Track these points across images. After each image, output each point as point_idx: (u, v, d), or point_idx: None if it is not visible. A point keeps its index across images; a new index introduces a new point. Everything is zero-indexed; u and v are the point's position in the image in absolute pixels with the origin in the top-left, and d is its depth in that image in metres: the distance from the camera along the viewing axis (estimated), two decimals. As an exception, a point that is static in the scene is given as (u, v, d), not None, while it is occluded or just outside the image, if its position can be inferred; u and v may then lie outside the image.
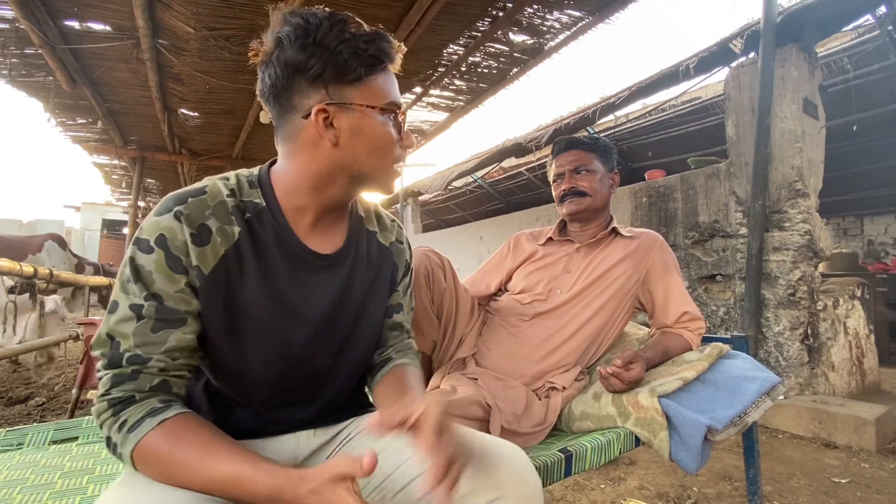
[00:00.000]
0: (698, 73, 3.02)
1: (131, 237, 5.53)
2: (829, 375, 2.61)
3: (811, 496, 1.70)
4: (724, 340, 1.28)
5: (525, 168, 6.59)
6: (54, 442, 1.12)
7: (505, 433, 1.00)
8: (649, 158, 5.48)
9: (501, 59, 3.81)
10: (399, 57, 0.70)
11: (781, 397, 2.40)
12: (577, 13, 3.25)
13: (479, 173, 6.64)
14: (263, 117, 4.22)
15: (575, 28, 3.40)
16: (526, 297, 1.28)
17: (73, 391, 2.31)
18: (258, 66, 0.68)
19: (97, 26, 3.24)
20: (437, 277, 1.17)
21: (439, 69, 3.91)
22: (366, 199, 0.84)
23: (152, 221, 0.62)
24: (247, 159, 6.02)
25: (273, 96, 0.67)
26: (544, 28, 3.41)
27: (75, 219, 18.42)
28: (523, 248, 1.42)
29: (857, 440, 2.15)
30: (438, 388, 1.14)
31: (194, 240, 0.62)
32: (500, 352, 1.21)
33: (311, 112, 0.65)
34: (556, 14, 3.25)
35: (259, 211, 0.68)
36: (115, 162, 6.45)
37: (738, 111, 2.82)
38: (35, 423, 1.19)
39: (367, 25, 0.67)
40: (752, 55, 2.76)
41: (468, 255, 5.70)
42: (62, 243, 4.81)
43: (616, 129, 5.52)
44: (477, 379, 1.13)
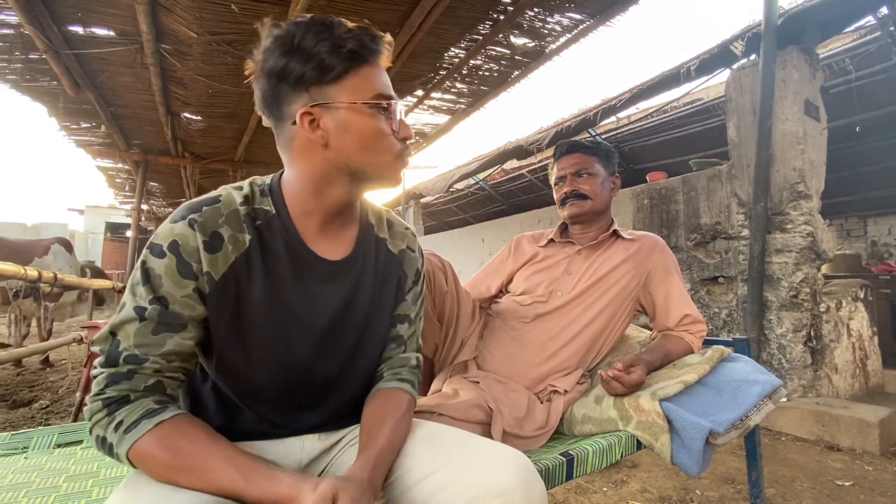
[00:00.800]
0: (699, 74, 3.02)
1: (135, 240, 5.56)
2: (833, 378, 2.60)
3: (814, 499, 1.69)
4: (726, 343, 1.29)
5: (527, 170, 6.59)
6: (59, 445, 1.13)
7: (507, 437, 1.01)
8: (651, 160, 5.48)
9: (502, 61, 3.82)
10: (386, 49, 0.69)
11: (784, 400, 2.40)
12: (577, 16, 3.25)
13: (481, 175, 6.65)
14: (266, 121, 4.24)
15: (576, 31, 3.41)
16: (526, 299, 1.29)
17: (77, 394, 2.32)
18: (252, 82, 0.69)
19: (101, 31, 3.26)
20: (438, 281, 1.17)
21: (440, 72, 3.92)
22: (377, 205, 0.84)
23: (167, 228, 0.63)
24: (249, 162, 6.04)
25: (266, 108, 0.69)
26: (545, 31, 3.42)
27: (79, 222, 18.53)
28: (524, 250, 1.42)
29: (861, 443, 2.14)
30: (440, 391, 1.14)
31: (206, 247, 0.63)
32: (502, 355, 1.21)
33: (297, 116, 0.65)
34: (557, 17, 3.26)
35: (269, 218, 0.69)
36: (119, 165, 6.48)
37: (739, 113, 2.83)
38: (40, 427, 1.19)
39: (351, 24, 0.66)
40: (753, 57, 2.76)
41: (470, 257, 5.71)
42: (68, 247, 4.84)
43: (618, 131, 5.52)
44: (479, 382, 1.14)
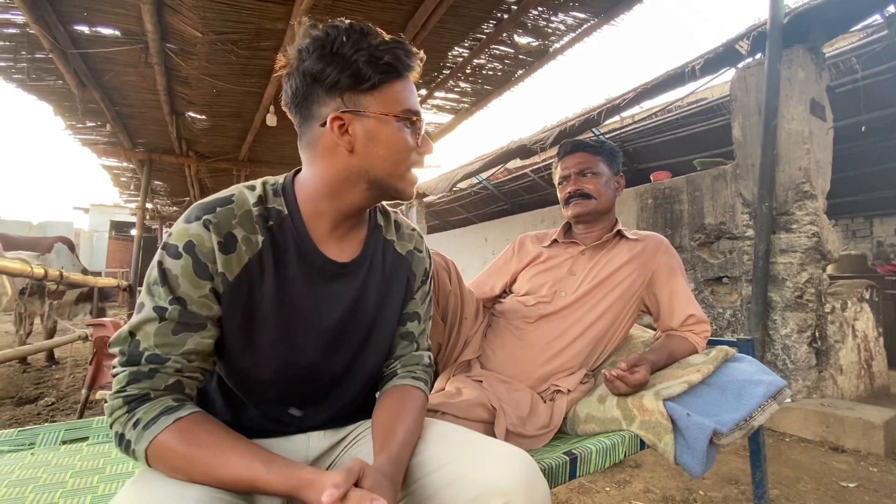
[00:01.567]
0: (704, 74, 3.01)
1: (140, 239, 5.58)
2: (837, 378, 2.59)
3: (818, 500, 1.69)
4: (730, 343, 1.28)
5: (530, 169, 6.58)
6: (65, 442, 1.13)
7: (510, 436, 1.01)
8: (655, 160, 5.46)
9: (506, 61, 3.81)
10: (418, 65, 0.71)
11: (788, 400, 2.39)
12: (582, 15, 3.25)
13: (484, 175, 6.64)
14: (270, 120, 4.25)
15: (580, 30, 3.40)
16: (530, 300, 1.29)
17: (83, 391, 2.34)
18: (283, 77, 0.70)
19: (106, 31, 3.28)
20: (442, 280, 1.17)
21: (444, 71, 3.92)
22: (385, 205, 0.84)
23: (181, 228, 0.64)
24: (253, 161, 6.07)
25: (295, 106, 0.70)
26: (549, 30, 3.41)
27: (84, 221, 18.62)
28: (528, 251, 1.42)
29: (866, 444, 2.13)
30: (443, 390, 1.14)
31: (221, 248, 0.64)
32: (505, 354, 1.21)
33: (327, 120, 0.67)
34: (561, 16, 3.25)
35: (281, 218, 0.70)
36: (124, 164, 6.52)
37: (744, 112, 2.81)
38: (46, 424, 1.20)
39: (387, 35, 0.68)
40: (758, 56, 2.74)
41: (473, 257, 5.71)
42: (71, 246, 4.86)
43: (622, 131, 5.50)
44: (482, 381, 1.14)
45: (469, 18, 3.21)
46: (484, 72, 3.98)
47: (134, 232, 6.20)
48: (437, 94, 4.30)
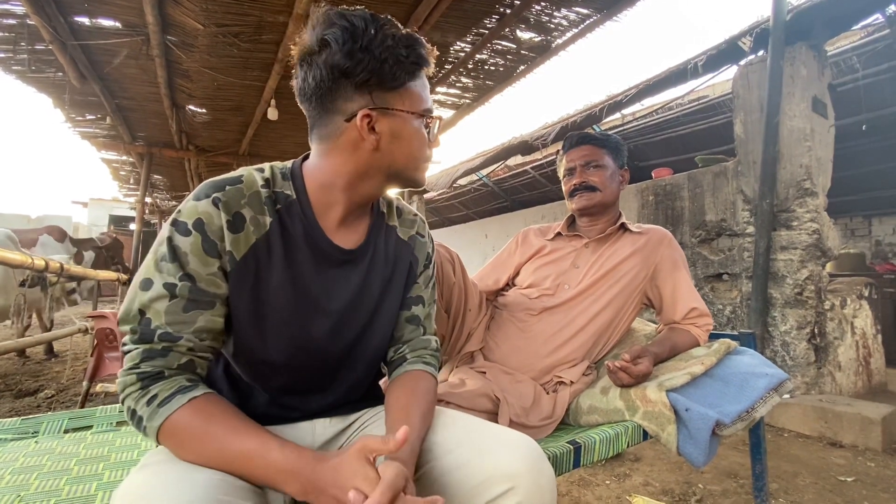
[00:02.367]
0: (707, 71, 3.00)
1: (139, 233, 5.55)
2: (836, 375, 2.60)
3: (817, 494, 1.70)
4: (732, 337, 1.29)
5: (531, 166, 6.57)
6: (68, 430, 1.14)
7: (513, 426, 1.01)
8: (656, 157, 5.46)
9: (508, 56, 3.80)
10: (433, 60, 0.73)
11: (787, 396, 2.40)
12: (584, 10, 3.24)
13: (485, 171, 6.63)
14: (271, 114, 4.23)
15: (583, 25, 3.39)
16: (534, 292, 1.29)
17: (84, 383, 2.34)
18: (298, 63, 0.69)
19: (107, 22, 3.26)
20: (446, 272, 1.17)
21: (446, 66, 3.90)
22: (388, 194, 0.85)
23: (191, 205, 0.64)
24: (254, 156, 6.05)
25: (315, 97, 0.68)
26: (552, 25, 3.40)
27: (83, 215, 18.57)
28: (532, 244, 1.42)
29: (864, 439, 2.14)
30: (447, 381, 1.15)
31: (229, 226, 0.64)
32: (509, 346, 1.22)
33: (356, 116, 0.67)
34: (564, 11, 3.24)
35: (289, 203, 0.70)
36: (123, 158, 6.49)
37: (746, 109, 2.81)
38: (50, 413, 1.21)
39: (402, 27, 0.69)
40: (761, 53, 2.74)
41: (473, 253, 5.71)
42: (61, 235, 4.81)
43: (623, 128, 5.50)
44: (485, 373, 1.14)
45: (471, 13, 3.20)
46: (486, 67, 3.97)
47: (133, 226, 6.19)
48: (439, 89, 4.29)
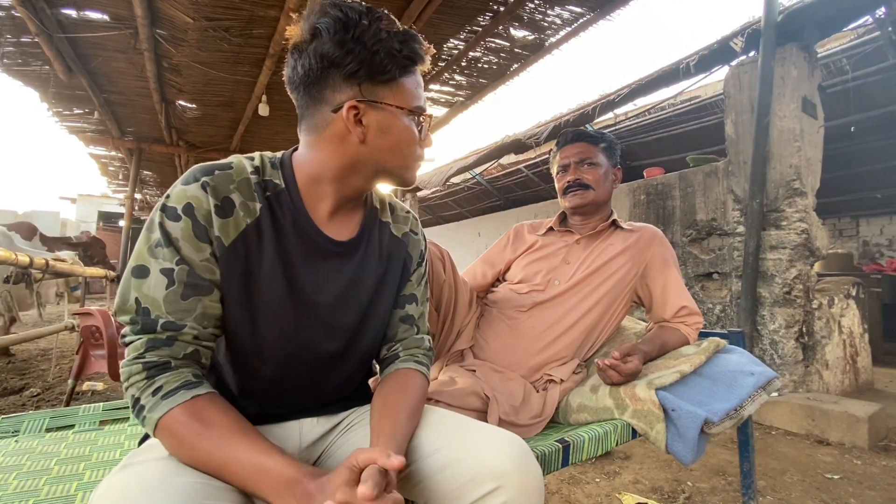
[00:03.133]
0: (699, 71, 3.02)
1: (128, 230, 5.48)
2: (823, 373, 2.63)
3: (804, 491, 1.72)
4: (721, 336, 1.29)
5: (524, 165, 6.58)
6: (50, 429, 1.12)
7: (502, 424, 1.01)
8: (648, 157, 5.48)
9: (502, 54, 3.80)
10: (429, 58, 0.72)
11: (776, 394, 2.42)
12: (578, 9, 3.24)
13: (478, 170, 6.63)
14: (262, 110, 4.19)
15: (576, 24, 3.40)
16: (524, 287, 1.28)
17: (70, 381, 2.30)
18: (289, 51, 0.68)
19: (95, 15, 3.21)
20: (436, 269, 1.16)
21: (439, 64, 3.89)
22: (380, 190, 0.84)
23: (179, 190, 0.63)
24: (245, 152, 5.88)
25: (304, 86, 0.68)
26: (545, 24, 3.40)
27: (71, 210, 18.33)
28: (524, 239, 1.42)
29: (850, 437, 2.17)
30: (437, 379, 1.14)
31: (218, 211, 0.63)
32: (499, 344, 1.21)
33: (343, 107, 0.66)
34: (558, 10, 3.24)
35: (279, 191, 0.70)
36: (112, 153, 6.41)
37: (737, 110, 2.83)
38: (31, 411, 1.18)
39: (399, 23, 0.68)
40: (752, 54, 2.76)
41: (466, 251, 5.70)
42: (29, 232, 4.71)
43: (615, 127, 5.52)
44: (475, 371, 1.14)
45: (465, 10, 3.19)
46: (479, 65, 3.96)
47: (122, 223, 6.10)
48: (432, 86, 4.27)
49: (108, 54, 3.65)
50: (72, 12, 3.15)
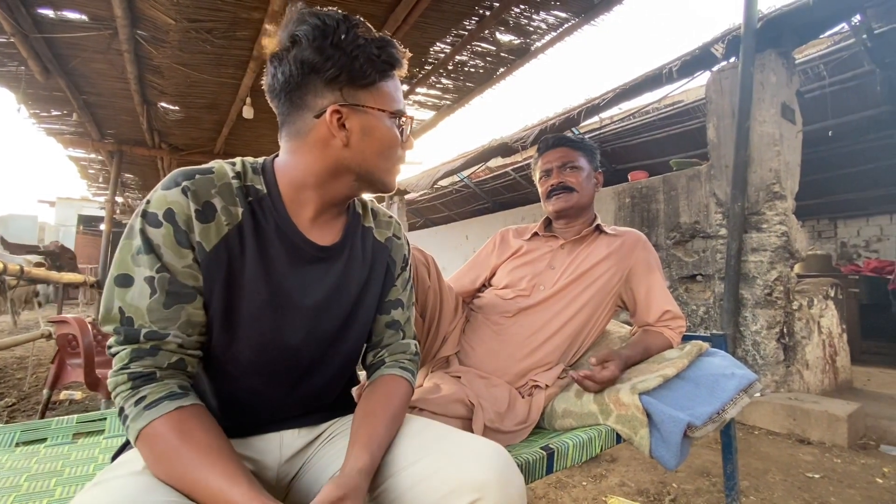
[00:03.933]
0: (681, 76, 3.07)
1: (109, 234, 5.35)
2: (804, 373, 2.68)
3: (786, 491, 1.74)
4: (704, 339, 1.31)
5: (511, 168, 6.62)
6: (21, 444, 1.08)
7: (488, 431, 1.00)
8: (633, 160, 5.55)
9: (488, 58, 3.81)
10: (406, 63, 0.73)
11: (758, 394, 2.46)
12: (563, 14, 3.26)
13: (466, 172, 6.64)
14: (247, 112, 4.14)
15: (561, 29, 3.42)
16: (509, 293, 1.28)
17: (45, 391, 2.23)
18: (269, 60, 0.69)
19: (72, 15, 3.13)
20: (421, 275, 1.16)
21: (426, 67, 3.89)
22: (363, 195, 0.84)
23: (160, 195, 0.62)
24: (229, 155, 5.86)
25: (285, 93, 0.68)
26: (531, 28, 3.42)
27: (50, 214, 17.87)
28: (509, 244, 1.42)
29: (830, 436, 2.21)
30: (422, 386, 1.13)
31: (199, 216, 0.63)
32: (484, 350, 1.21)
33: (326, 112, 0.66)
34: (543, 15, 3.26)
35: (261, 197, 0.69)
36: (92, 156, 6.26)
37: (718, 114, 2.88)
38: (1, 425, 1.14)
39: (375, 31, 0.69)
40: (732, 60, 2.81)
41: (454, 254, 5.70)
42: None
43: (600, 131, 5.58)
44: (460, 377, 1.13)
45: (451, 14, 3.19)
46: (466, 69, 3.97)
47: (103, 226, 5.96)
48: (419, 90, 4.27)
49: (86, 55, 3.57)
50: (49, 12, 3.07)
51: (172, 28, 3.10)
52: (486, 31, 3.40)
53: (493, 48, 3.65)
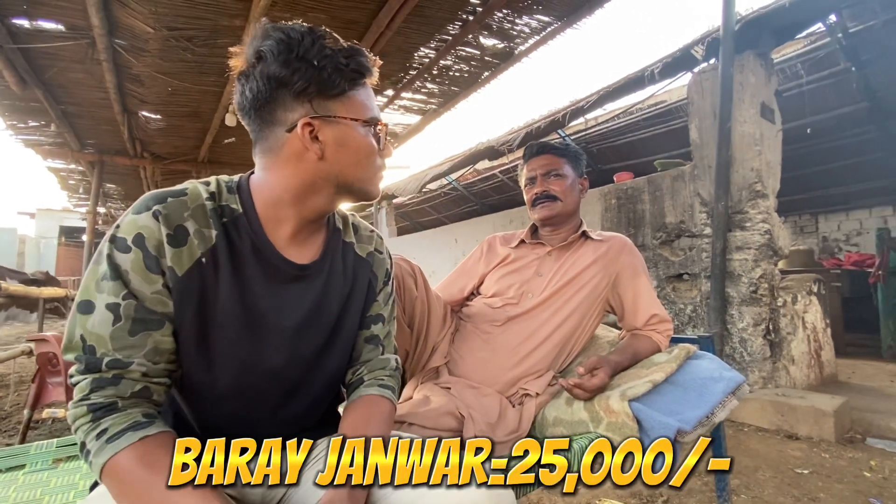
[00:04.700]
0: (663, 77, 3.11)
1: (90, 245, 5.26)
2: (790, 369, 2.72)
3: (776, 488, 1.76)
4: (691, 341, 1.31)
5: (499, 170, 6.64)
6: (-1, 471, 1.04)
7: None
8: (618, 160, 5.60)
9: (473, 62, 3.82)
10: (376, 70, 0.72)
11: (747, 390, 2.48)
12: (545, 18, 3.29)
13: (454, 176, 6.65)
14: (229, 120, 4.10)
15: (544, 33, 3.44)
16: (497, 301, 1.28)
17: (25, 411, 2.17)
18: (237, 78, 0.68)
19: (49, 25, 3.07)
20: (408, 286, 1.15)
21: (411, 72, 3.88)
22: (342, 209, 0.83)
23: (130, 220, 0.61)
24: (214, 163, 5.84)
25: (254, 110, 0.67)
26: (514, 32, 3.44)
27: (30, 226, 17.46)
28: (496, 252, 1.42)
29: (818, 431, 2.24)
30: (411, 398, 1.12)
31: (170, 240, 0.61)
32: (474, 360, 1.20)
33: (297, 125, 0.65)
34: (526, 19, 3.28)
35: (236, 217, 0.68)
36: (72, 166, 6.13)
37: (700, 115, 2.92)
38: (-23, 452, 1.10)
39: (343, 40, 0.68)
40: (712, 61, 2.85)
41: (443, 258, 5.69)
42: None
43: (586, 132, 5.63)
44: (450, 388, 1.12)
45: (434, 19, 3.19)
46: (451, 73, 3.97)
47: (85, 237, 5.84)
48: (404, 94, 4.26)
49: (63, 65, 3.50)
50: (24, 22, 3.01)
51: (151, 36, 3.05)
52: (470, 36, 3.41)
53: (478, 52, 3.66)
